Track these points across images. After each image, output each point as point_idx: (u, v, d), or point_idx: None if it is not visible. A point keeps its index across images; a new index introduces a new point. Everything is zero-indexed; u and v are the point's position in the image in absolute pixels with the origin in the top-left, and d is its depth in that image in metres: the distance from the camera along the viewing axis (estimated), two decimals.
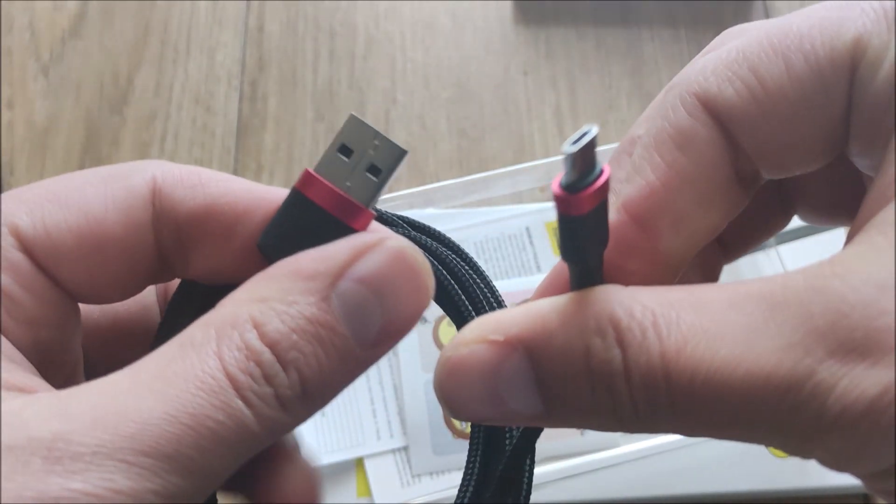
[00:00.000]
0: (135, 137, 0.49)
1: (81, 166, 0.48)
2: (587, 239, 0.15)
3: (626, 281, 0.16)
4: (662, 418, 0.15)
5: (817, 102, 0.16)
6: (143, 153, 0.49)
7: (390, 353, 0.40)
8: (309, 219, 0.17)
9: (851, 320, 0.14)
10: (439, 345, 0.41)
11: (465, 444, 0.21)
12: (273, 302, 0.16)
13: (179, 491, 0.14)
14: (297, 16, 0.52)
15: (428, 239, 0.21)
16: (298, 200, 0.17)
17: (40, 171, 0.48)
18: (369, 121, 0.18)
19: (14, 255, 0.17)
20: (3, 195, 0.18)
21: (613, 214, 0.17)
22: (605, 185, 0.14)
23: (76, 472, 0.14)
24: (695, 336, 0.15)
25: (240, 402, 0.15)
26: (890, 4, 0.16)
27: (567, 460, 0.38)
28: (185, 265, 0.19)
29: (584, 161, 0.14)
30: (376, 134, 0.17)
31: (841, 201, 0.21)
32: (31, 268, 0.17)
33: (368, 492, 0.38)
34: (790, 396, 0.14)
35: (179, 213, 0.18)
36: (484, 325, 0.16)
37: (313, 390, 0.16)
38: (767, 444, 0.16)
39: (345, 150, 0.17)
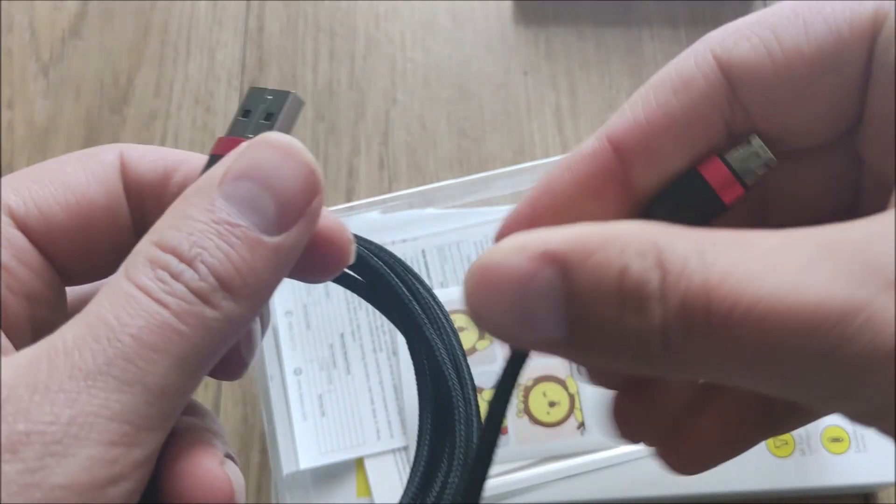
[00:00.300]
0: (135, 137, 0.49)
1: None
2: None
3: (597, 203, 0.18)
4: (693, 351, 0.14)
5: (833, 64, 0.17)
6: None
7: (389, 354, 0.40)
8: None
9: None
10: None
11: None
12: (166, 225, 0.17)
13: (141, 410, 0.15)
14: (297, 16, 0.52)
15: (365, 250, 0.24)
16: (213, 161, 0.19)
17: None
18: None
19: (11, 232, 0.18)
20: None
21: (595, 141, 0.18)
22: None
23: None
24: (740, 267, 0.14)
25: (155, 305, 0.16)
26: None
27: (567, 460, 0.38)
28: None
29: None
30: (270, 90, 0.20)
31: (824, 203, 0.21)
32: (28, 244, 0.18)
33: (368, 492, 0.38)
34: (840, 328, 0.13)
35: (143, 183, 0.20)
36: (522, 238, 0.16)
37: (232, 280, 0.16)
38: (802, 395, 0.15)
39: (245, 113, 0.20)
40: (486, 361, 0.40)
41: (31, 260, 0.19)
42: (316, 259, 0.19)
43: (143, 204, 0.20)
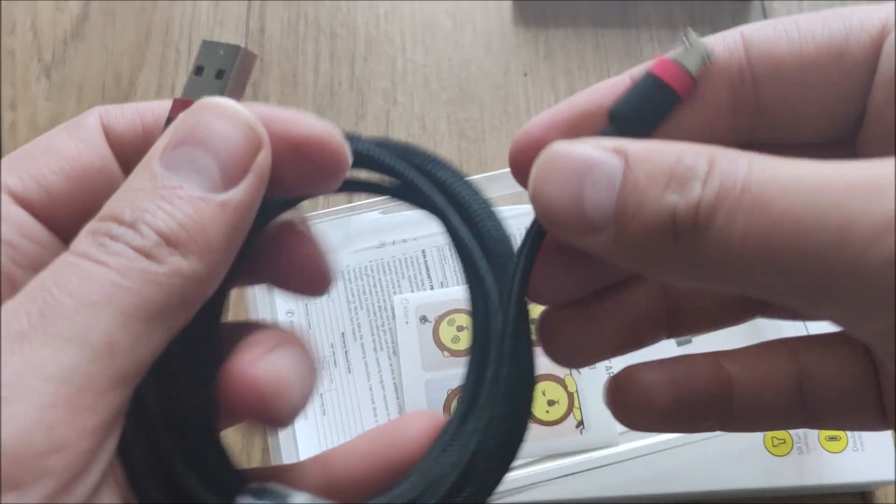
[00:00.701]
0: None
1: None
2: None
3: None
4: (720, 233, 0.15)
5: (840, 54, 0.18)
6: None
7: (390, 353, 0.41)
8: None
9: None
10: (440, 345, 0.41)
11: None
12: (110, 199, 0.17)
13: (83, 368, 0.14)
14: (298, 17, 0.53)
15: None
16: (168, 125, 0.20)
17: None
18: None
19: (11, 209, 0.18)
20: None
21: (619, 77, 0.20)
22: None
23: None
24: (782, 163, 0.15)
25: (93, 265, 0.15)
26: None
27: (566, 458, 0.38)
28: None
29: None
30: (223, 45, 0.20)
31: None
32: (30, 218, 0.19)
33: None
34: (858, 200, 0.14)
35: (125, 142, 0.20)
36: (593, 138, 0.18)
37: (177, 236, 0.16)
38: (798, 295, 0.16)
39: (199, 70, 0.20)
40: None
41: (34, 233, 0.19)
42: (312, 172, 0.19)
43: (129, 163, 0.20)
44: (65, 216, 0.19)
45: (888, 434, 0.38)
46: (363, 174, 0.22)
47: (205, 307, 0.18)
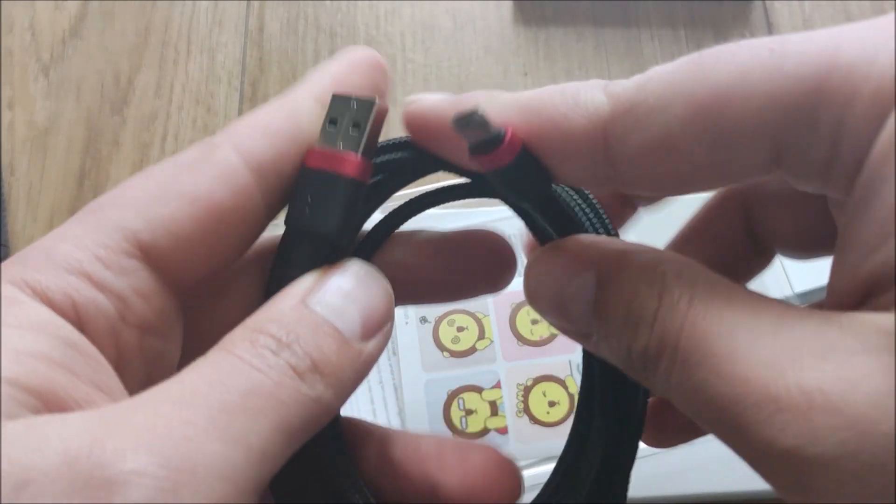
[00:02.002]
0: (135, 138, 0.49)
1: (82, 167, 0.48)
2: (527, 179, 0.18)
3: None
4: (660, 380, 0.16)
5: (730, 167, 0.16)
6: (143, 153, 0.49)
7: (390, 354, 0.41)
8: (317, 184, 0.20)
9: None
10: (440, 345, 0.41)
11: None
12: (262, 319, 0.18)
13: (242, 470, 0.15)
14: (298, 16, 0.53)
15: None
16: (305, 173, 0.20)
17: (41, 171, 0.48)
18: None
19: (130, 263, 0.18)
20: (103, 202, 0.18)
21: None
22: (514, 135, 0.17)
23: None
24: (714, 321, 0.15)
25: (257, 373, 0.16)
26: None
27: None
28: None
29: (483, 126, 0.17)
30: (354, 98, 0.20)
31: (818, 238, 0.22)
32: (146, 273, 0.18)
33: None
34: (752, 412, 0.14)
35: (265, 166, 0.19)
36: (576, 244, 0.19)
37: (325, 365, 0.17)
38: (733, 450, 0.16)
39: (333, 121, 0.20)
40: (486, 361, 0.40)
41: (147, 289, 0.18)
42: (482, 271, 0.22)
43: (267, 186, 0.19)
44: (187, 263, 0.18)
45: None
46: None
47: None
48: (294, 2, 0.53)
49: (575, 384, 0.39)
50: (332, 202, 0.19)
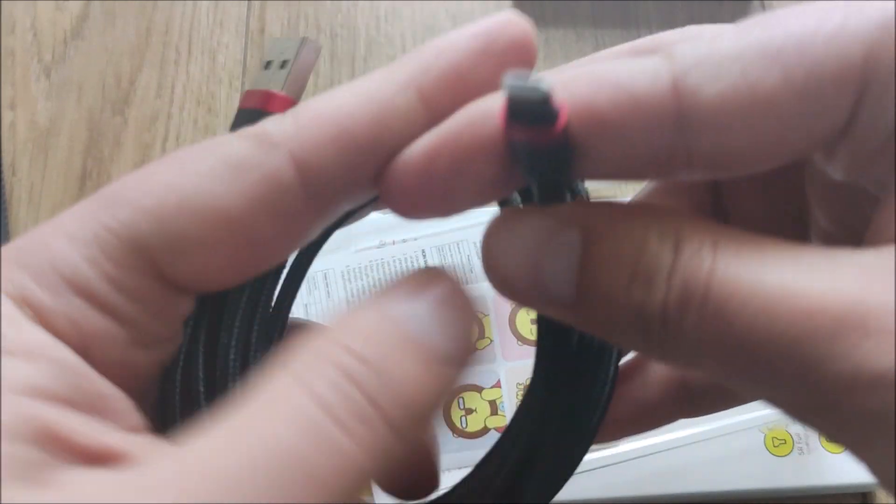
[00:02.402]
0: (136, 138, 0.49)
1: (83, 167, 0.48)
2: (557, 162, 0.15)
3: None
4: (685, 336, 0.14)
5: (810, 119, 0.15)
6: (145, 154, 0.49)
7: None
8: (247, 124, 0.18)
9: None
10: None
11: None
12: (343, 322, 0.15)
13: None
14: (299, 17, 0.53)
15: None
16: (239, 116, 0.21)
17: (42, 171, 0.48)
18: None
19: (139, 281, 0.15)
20: (115, 196, 0.15)
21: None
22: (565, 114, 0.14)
23: None
24: (749, 262, 0.14)
25: (340, 436, 0.13)
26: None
27: None
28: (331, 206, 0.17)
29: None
30: (287, 39, 0.21)
31: (779, 226, 0.20)
32: (161, 289, 0.16)
33: (370, 491, 0.39)
34: (830, 340, 0.13)
35: (325, 177, 0.16)
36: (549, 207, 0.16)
37: (414, 415, 0.14)
38: (780, 401, 0.14)
39: (268, 64, 0.21)
40: (485, 361, 0.40)
41: (161, 306, 0.16)
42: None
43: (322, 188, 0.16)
44: (207, 278, 0.16)
45: None
46: None
47: None
48: (294, 2, 0.53)
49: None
50: None
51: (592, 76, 0.15)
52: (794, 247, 0.14)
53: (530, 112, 0.14)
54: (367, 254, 0.42)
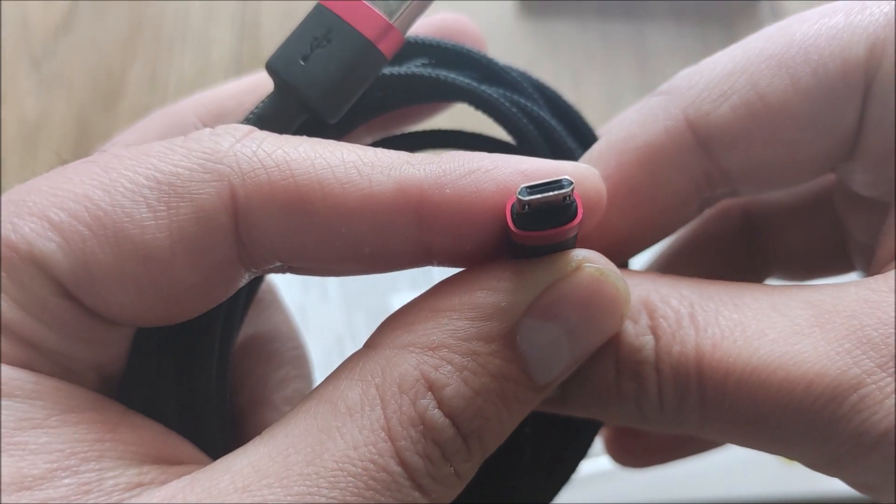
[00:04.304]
0: None
1: None
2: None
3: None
4: (688, 417, 0.14)
5: (825, 119, 0.15)
6: None
7: None
8: (326, 32, 0.15)
9: None
10: None
11: None
12: (447, 351, 0.13)
13: None
14: (293, 10, 0.52)
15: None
16: (319, 13, 0.15)
17: (32, 168, 0.47)
18: None
19: (55, 303, 0.13)
20: (11, 199, 0.14)
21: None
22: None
23: None
24: (733, 332, 0.14)
25: (416, 494, 0.12)
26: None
27: None
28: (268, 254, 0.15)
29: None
30: None
31: (821, 256, 0.21)
32: (77, 314, 0.14)
33: None
34: (831, 408, 0.13)
35: (270, 231, 0.14)
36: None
37: (489, 451, 0.14)
38: (796, 458, 0.15)
39: None
40: None
41: (93, 335, 0.14)
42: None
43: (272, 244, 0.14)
44: (136, 311, 0.14)
45: None
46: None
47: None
48: None
49: None
50: (335, 60, 0.15)
51: (611, 147, 0.15)
52: (772, 294, 0.14)
53: (551, 215, 0.13)
54: None
